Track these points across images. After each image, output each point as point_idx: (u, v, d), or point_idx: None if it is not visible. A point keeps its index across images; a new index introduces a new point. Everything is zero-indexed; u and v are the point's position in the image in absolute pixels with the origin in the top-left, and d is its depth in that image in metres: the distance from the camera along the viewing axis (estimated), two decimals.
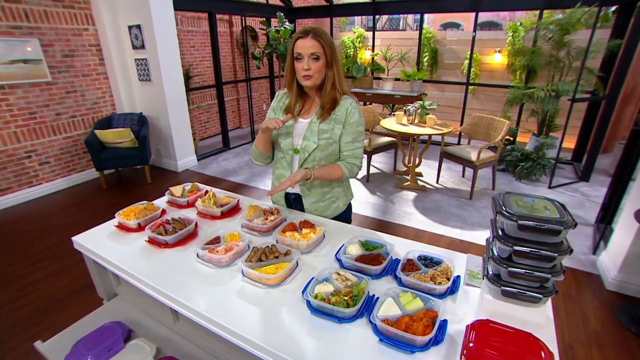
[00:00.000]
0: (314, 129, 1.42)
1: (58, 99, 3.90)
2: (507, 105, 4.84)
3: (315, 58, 1.32)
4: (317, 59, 1.32)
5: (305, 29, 1.32)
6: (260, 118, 7.34)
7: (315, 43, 1.30)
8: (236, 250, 1.20)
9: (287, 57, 1.39)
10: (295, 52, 1.33)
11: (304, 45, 1.31)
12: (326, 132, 1.42)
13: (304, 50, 1.31)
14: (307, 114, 1.48)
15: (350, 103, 1.43)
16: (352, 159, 1.49)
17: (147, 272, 1.17)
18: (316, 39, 1.30)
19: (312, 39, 1.30)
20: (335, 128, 1.43)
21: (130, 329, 1.28)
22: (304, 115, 1.48)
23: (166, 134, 4.58)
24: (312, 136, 1.42)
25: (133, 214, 1.45)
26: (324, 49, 1.31)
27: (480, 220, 3.42)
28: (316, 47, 1.30)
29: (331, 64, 1.35)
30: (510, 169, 4.61)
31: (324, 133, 1.42)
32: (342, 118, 1.43)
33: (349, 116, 1.43)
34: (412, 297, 0.99)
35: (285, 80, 1.47)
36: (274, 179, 1.62)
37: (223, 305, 1.03)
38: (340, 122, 1.43)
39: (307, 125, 1.45)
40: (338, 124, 1.43)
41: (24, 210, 3.61)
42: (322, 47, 1.31)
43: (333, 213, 1.58)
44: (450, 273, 1.10)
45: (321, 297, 0.98)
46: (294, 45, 1.33)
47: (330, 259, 1.23)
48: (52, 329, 2.05)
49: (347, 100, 1.44)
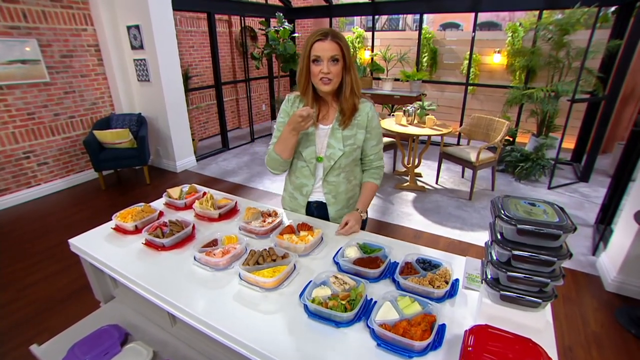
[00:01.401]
0: (338, 135, 1.40)
1: (56, 100, 3.89)
2: (507, 106, 4.84)
3: (334, 61, 1.29)
4: (336, 62, 1.29)
5: (322, 31, 1.27)
6: (259, 118, 7.33)
7: (335, 46, 1.27)
8: (233, 253, 1.19)
9: (301, 61, 1.33)
10: (313, 55, 1.28)
11: (323, 48, 1.26)
12: (350, 138, 1.41)
13: (323, 53, 1.26)
14: (326, 120, 1.44)
15: (370, 107, 1.43)
16: (377, 162, 1.52)
17: (143, 275, 1.16)
18: (335, 41, 1.27)
19: (331, 41, 1.26)
20: (358, 133, 1.42)
21: (127, 332, 1.27)
22: (322, 121, 1.44)
23: (165, 134, 4.57)
24: (336, 143, 1.41)
25: (130, 216, 1.44)
26: (342, 51, 1.28)
27: (479, 221, 3.42)
28: (336, 49, 1.27)
29: (349, 67, 1.32)
30: (509, 169, 4.60)
31: (348, 139, 1.41)
32: (363, 123, 1.42)
33: (370, 120, 1.43)
34: (411, 301, 0.99)
35: (298, 85, 1.39)
36: (291, 189, 1.57)
37: (220, 308, 1.02)
38: (362, 127, 1.42)
39: (330, 132, 1.42)
40: (360, 129, 1.42)
41: (23, 211, 3.60)
42: (341, 49, 1.28)
43: None
44: (448, 276, 1.10)
45: (318, 301, 0.97)
46: (310, 48, 1.28)
47: (328, 262, 1.23)
48: (50, 331, 2.05)
49: (366, 104, 1.43)
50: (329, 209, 1.52)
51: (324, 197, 1.51)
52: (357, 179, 1.53)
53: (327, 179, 1.47)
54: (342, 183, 1.47)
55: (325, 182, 1.48)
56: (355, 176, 1.52)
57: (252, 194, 4.02)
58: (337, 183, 1.47)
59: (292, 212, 1.61)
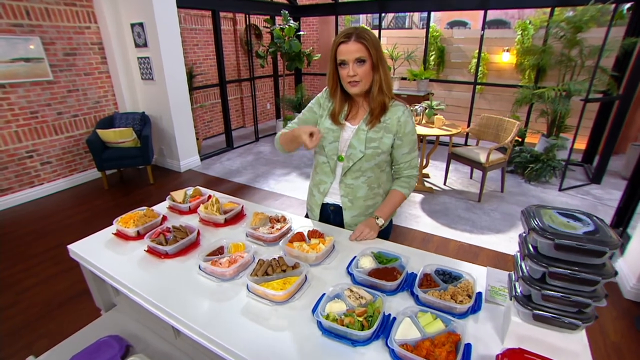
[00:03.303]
0: (362, 136, 1.33)
1: (60, 98, 3.84)
2: (516, 106, 4.74)
3: (360, 62, 1.22)
4: (362, 63, 1.22)
5: (346, 32, 1.21)
6: (264, 117, 7.27)
7: (360, 46, 1.20)
8: (241, 262, 1.13)
9: (328, 64, 1.30)
10: (339, 59, 1.23)
11: (348, 50, 1.20)
12: (374, 141, 1.33)
13: (348, 55, 1.21)
14: (355, 119, 1.38)
15: (403, 111, 1.32)
16: (409, 171, 1.42)
17: (145, 285, 1.10)
18: (360, 41, 1.20)
19: (355, 42, 1.19)
20: (385, 137, 1.33)
21: (129, 344, 1.21)
22: (351, 120, 1.38)
23: (169, 133, 4.52)
24: (358, 144, 1.33)
25: (132, 221, 1.38)
26: (369, 51, 1.21)
27: (489, 224, 3.33)
28: (361, 50, 1.20)
29: (377, 66, 1.25)
30: (519, 170, 4.51)
31: (372, 142, 1.33)
32: (393, 127, 1.33)
33: (402, 126, 1.33)
34: (433, 318, 0.91)
35: (327, 87, 1.38)
36: (312, 184, 1.54)
37: (226, 323, 0.95)
38: (390, 132, 1.33)
39: (355, 131, 1.35)
40: (388, 133, 1.33)
41: (25, 211, 3.56)
42: (367, 49, 1.21)
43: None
44: (471, 290, 1.02)
45: (333, 317, 0.90)
46: (335, 52, 1.24)
47: (341, 272, 1.16)
48: (50, 336, 2.01)
49: (398, 107, 1.33)
50: (344, 213, 1.44)
51: (340, 200, 1.44)
52: (381, 187, 1.44)
53: (345, 181, 1.40)
54: (361, 187, 1.40)
55: (343, 183, 1.41)
56: (379, 184, 1.43)
57: (256, 195, 3.96)
58: (356, 187, 1.39)
59: (309, 210, 1.56)
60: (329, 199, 1.47)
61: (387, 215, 1.40)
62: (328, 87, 1.38)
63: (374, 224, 1.37)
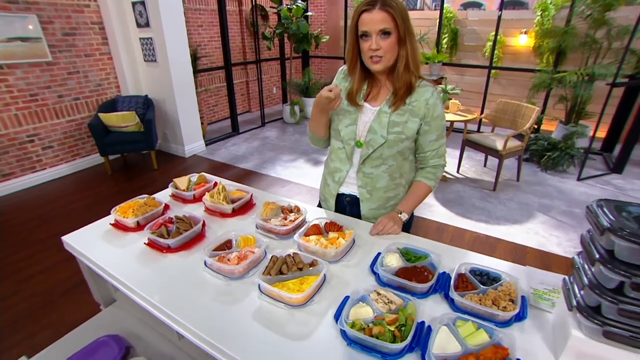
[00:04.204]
0: (384, 119, 1.18)
1: (60, 80, 3.70)
2: (533, 91, 4.52)
3: (385, 34, 1.06)
4: (387, 35, 1.06)
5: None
6: (270, 102, 7.09)
7: (385, 15, 1.03)
8: (251, 258, 1.01)
9: (348, 36, 1.14)
10: (360, 29, 1.08)
11: (371, 20, 1.04)
12: (398, 125, 1.18)
13: (371, 26, 1.05)
14: (375, 100, 1.22)
15: (431, 93, 1.16)
16: (435, 160, 1.27)
17: (144, 283, 0.98)
18: (385, 9, 1.03)
19: (380, 10, 1.03)
20: (410, 122, 1.18)
21: (128, 345, 1.10)
22: (371, 101, 1.23)
23: (173, 117, 4.38)
24: (380, 128, 1.18)
25: (131, 210, 1.26)
26: (395, 21, 1.05)
27: (506, 214, 3.19)
28: (386, 20, 1.04)
29: (404, 39, 1.08)
30: (534, 158, 4.33)
31: (395, 126, 1.18)
32: (419, 111, 1.17)
33: (431, 110, 1.17)
34: (475, 328, 0.79)
35: (346, 62, 1.23)
36: (326, 173, 1.40)
37: (236, 330, 0.84)
38: (416, 116, 1.18)
39: (376, 114, 1.20)
40: (414, 117, 1.18)
41: (27, 197, 3.47)
42: (393, 19, 1.04)
43: None
44: (514, 293, 0.89)
45: (360, 326, 0.78)
46: (357, 21, 1.08)
47: (363, 270, 1.03)
48: (51, 327, 1.94)
49: (427, 89, 1.17)
50: (361, 205, 1.31)
51: (358, 191, 1.30)
52: (404, 178, 1.30)
53: (364, 169, 1.26)
54: (381, 177, 1.25)
55: (361, 172, 1.27)
56: (402, 174, 1.29)
57: (263, 181, 3.84)
58: (376, 176, 1.25)
59: (322, 201, 1.43)
60: (345, 189, 1.33)
61: (410, 209, 1.27)
62: (346, 62, 1.22)
63: (398, 217, 1.23)
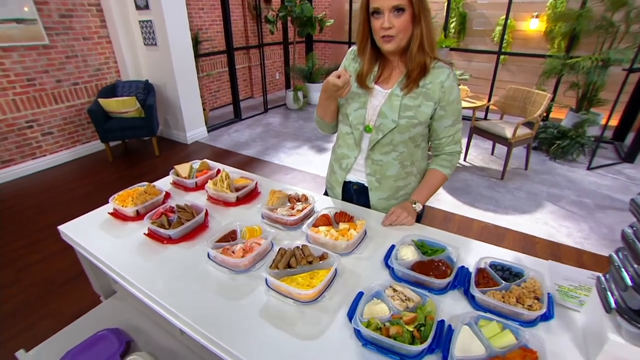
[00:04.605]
0: (395, 103, 1.10)
1: (58, 65, 3.61)
2: (543, 78, 4.39)
3: (398, 11, 0.97)
4: (401, 12, 0.98)
5: None
6: (273, 88, 6.97)
7: None
8: (257, 251, 0.95)
9: (360, 14, 1.06)
10: (372, 7, 1.00)
11: None
12: (410, 109, 1.10)
13: (383, 2, 0.97)
14: (387, 83, 1.14)
15: (447, 75, 1.08)
16: (451, 147, 1.19)
17: (144, 276, 0.93)
18: None
19: None
20: (423, 105, 1.10)
21: (129, 339, 1.06)
22: (382, 84, 1.15)
23: (174, 103, 4.29)
24: (391, 112, 1.11)
25: (130, 199, 1.20)
26: None
27: (514, 204, 3.13)
28: None
29: (419, 16, 1.00)
30: (543, 147, 4.23)
31: (408, 110, 1.10)
32: (434, 94, 1.09)
33: (447, 94, 1.09)
34: (500, 328, 0.73)
35: (356, 42, 1.15)
36: (333, 159, 1.33)
37: (242, 327, 0.78)
38: (431, 99, 1.09)
39: (387, 97, 1.12)
40: (428, 101, 1.10)
41: (27, 184, 3.43)
42: None
43: None
44: (539, 290, 0.83)
45: (376, 326, 0.73)
46: None
47: (376, 263, 0.97)
48: (52, 316, 1.91)
49: (442, 70, 1.08)
50: (370, 194, 1.24)
51: (366, 179, 1.23)
52: (415, 166, 1.23)
53: (373, 156, 1.18)
54: (392, 165, 1.18)
55: (369, 159, 1.19)
56: (413, 161, 1.21)
57: (266, 168, 3.77)
58: (385, 164, 1.18)
59: (329, 189, 1.37)
60: (352, 177, 1.27)
61: (425, 199, 1.20)
62: (357, 42, 1.14)
63: (412, 208, 1.17)
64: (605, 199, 3.18)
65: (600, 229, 2.74)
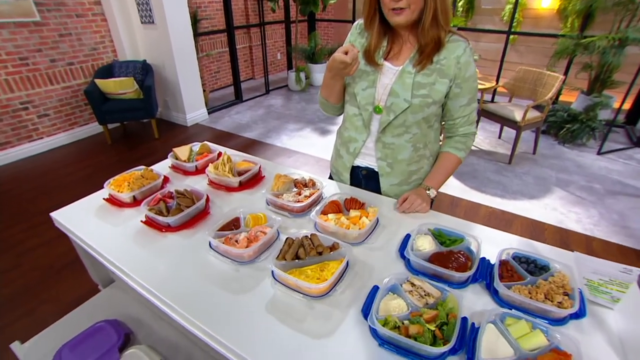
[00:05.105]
0: (407, 81, 1.01)
1: (51, 43, 3.47)
2: (554, 59, 4.23)
3: None
4: None
5: None
6: (275, 68, 6.79)
7: None
8: (263, 240, 0.88)
9: None
10: None
11: None
12: (424, 87, 1.01)
13: None
14: (397, 59, 1.04)
15: (464, 49, 0.99)
16: (466, 127, 1.10)
17: (141, 268, 0.87)
18: None
19: None
20: (438, 83, 1.01)
21: (128, 331, 1.01)
22: (392, 60, 1.05)
23: (173, 84, 4.16)
24: (403, 91, 1.02)
25: (127, 184, 1.13)
26: None
27: (522, 189, 3.05)
28: None
29: None
30: (552, 131, 4.12)
31: (421, 88, 1.01)
32: (449, 70, 1.00)
33: (463, 70, 1.00)
34: (529, 328, 0.67)
35: (363, 15, 1.05)
36: (339, 143, 1.25)
37: (247, 324, 0.72)
38: (445, 75, 1.00)
39: (398, 74, 1.03)
40: (442, 78, 1.00)
41: (25, 167, 3.36)
42: None
43: None
44: (568, 286, 0.77)
45: (394, 324, 0.66)
46: None
47: (389, 254, 0.90)
48: (52, 302, 1.88)
49: (458, 44, 0.99)
50: (381, 180, 1.16)
51: (376, 164, 1.15)
52: (428, 148, 1.14)
53: (384, 139, 1.10)
54: (404, 148, 1.10)
55: (380, 142, 1.11)
56: (426, 144, 1.13)
57: (268, 151, 3.69)
58: (397, 147, 1.10)
59: (334, 174, 1.29)
60: (361, 161, 1.19)
61: (439, 184, 1.13)
62: (363, 14, 1.04)
63: (426, 194, 1.09)
64: (615, 184, 3.10)
65: (610, 216, 2.67)
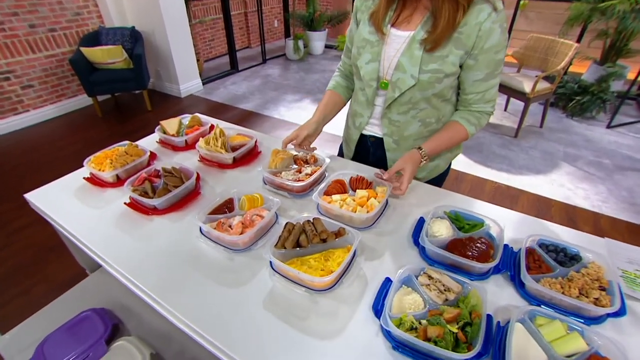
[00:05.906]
0: (416, 53, 0.86)
1: (28, 6, 3.21)
2: (567, 25, 4.00)
3: None
4: None
5: None
6: (271, 37, 6.47)
7: None
8: (260, 225, 0.78)
9: None
10: None
11: None
12: (436, 61, 0.86)
13: None
14: (407, 24, 0.89)
15: (488, 14, 0.81)
16: (480, 105, 0.94)
17: (124, 256, 0.78)
18: None
19: None
20: (452, 55, 0.85)
21: (117, 321, 0.93)
22: (401, 25, 0.90)
23: (165, 53, 3.94)
24: (410, 66, 0.87)
25: (109, 161, 1.02)
26: None
27: (528, 163, 2.96)
28: None
29: None
30: (560, 103, 3.97)
31: (432, 62, 0.86)
32: (467, 40, 0.84)
33: (483, 38, 0.83)
34: (565, 329, 0.59)
35: None
36: (349, 113, 1.15)
37: (244, 323, 0.64)
38: (463, 46, 0.84)
39: (407, 44, 0.88)
40: (458, 49, 0.85)
41: (13, 141, 3.21)
42: None
43: (429, 175, 1.12)
44: (603, 279, 0.68)
45: (409, 325, 0.58)
46: None
47: (401, 241, 0.81)
48: (46, 281, 1.84)
49: (482, 7, 0.81)
50: (387, 154, 1.06)
51: (383, 138, 1.05)
52: (441, 122, 1.01)
53: (389, 115, 0.98)
54: (411, 124, 0.98)
55: (385, 118, 0.99)
56: (439, 118, 0.99)
57: (266, 123, 3.55)
58: (404, 124, 0.98)
59: (344, 142, 1.20)
60: (368, 131, 1.08)
61: (436, 152, 0.97)
62: None
63: (419, 160, 0.93)
64: (625, 159, 3.01)
65: (619, 192, 2.59)
